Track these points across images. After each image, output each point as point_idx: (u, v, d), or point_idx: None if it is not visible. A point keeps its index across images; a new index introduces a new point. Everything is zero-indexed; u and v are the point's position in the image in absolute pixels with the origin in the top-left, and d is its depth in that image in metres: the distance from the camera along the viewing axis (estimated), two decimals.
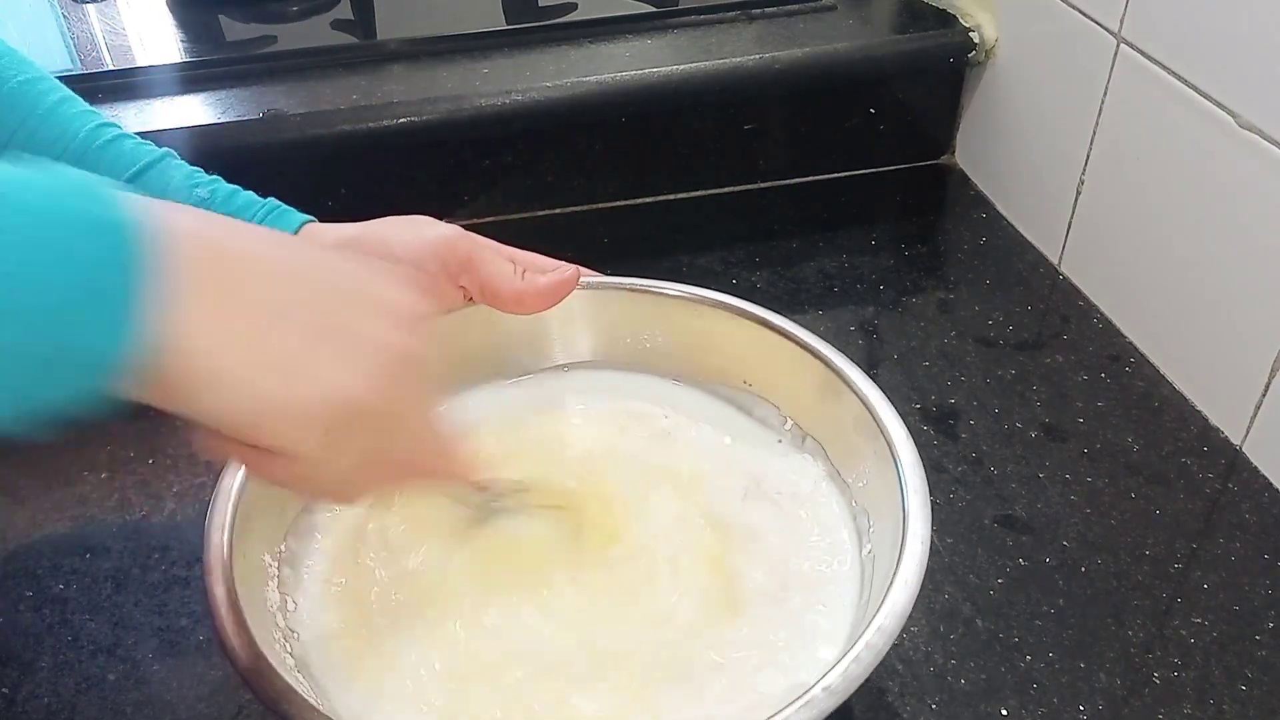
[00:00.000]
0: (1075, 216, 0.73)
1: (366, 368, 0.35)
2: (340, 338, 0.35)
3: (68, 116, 0.54)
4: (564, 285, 0.54)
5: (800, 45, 0.80)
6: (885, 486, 0.47)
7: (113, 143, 0.54)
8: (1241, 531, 0.57)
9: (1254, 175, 0.57)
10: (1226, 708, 0.48)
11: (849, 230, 0.81)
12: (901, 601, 0.40)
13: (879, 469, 0.48)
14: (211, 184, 0.55)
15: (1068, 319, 0.72)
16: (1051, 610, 0.53)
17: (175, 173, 0.54)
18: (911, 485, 0.45)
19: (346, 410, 0.35)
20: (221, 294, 0.33)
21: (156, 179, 0.54)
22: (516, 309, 0.53)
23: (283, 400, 0.34)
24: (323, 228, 0.54)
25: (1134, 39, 0.65)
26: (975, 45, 0.81)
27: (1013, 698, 0.49)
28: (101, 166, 0.53)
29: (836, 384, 0.51)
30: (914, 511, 0.44)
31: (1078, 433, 0.63)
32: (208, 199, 0.54)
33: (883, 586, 0.42)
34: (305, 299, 0.35)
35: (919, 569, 0.42)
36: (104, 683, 0.50)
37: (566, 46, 0.80)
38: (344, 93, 0.75)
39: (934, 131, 0.88)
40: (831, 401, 0.52)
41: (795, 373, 0.54)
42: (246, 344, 0.33)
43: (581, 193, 0.84)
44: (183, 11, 0.87)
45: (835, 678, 0.38)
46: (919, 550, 0.42)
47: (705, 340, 0.57)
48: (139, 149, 0.54)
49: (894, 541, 0.44)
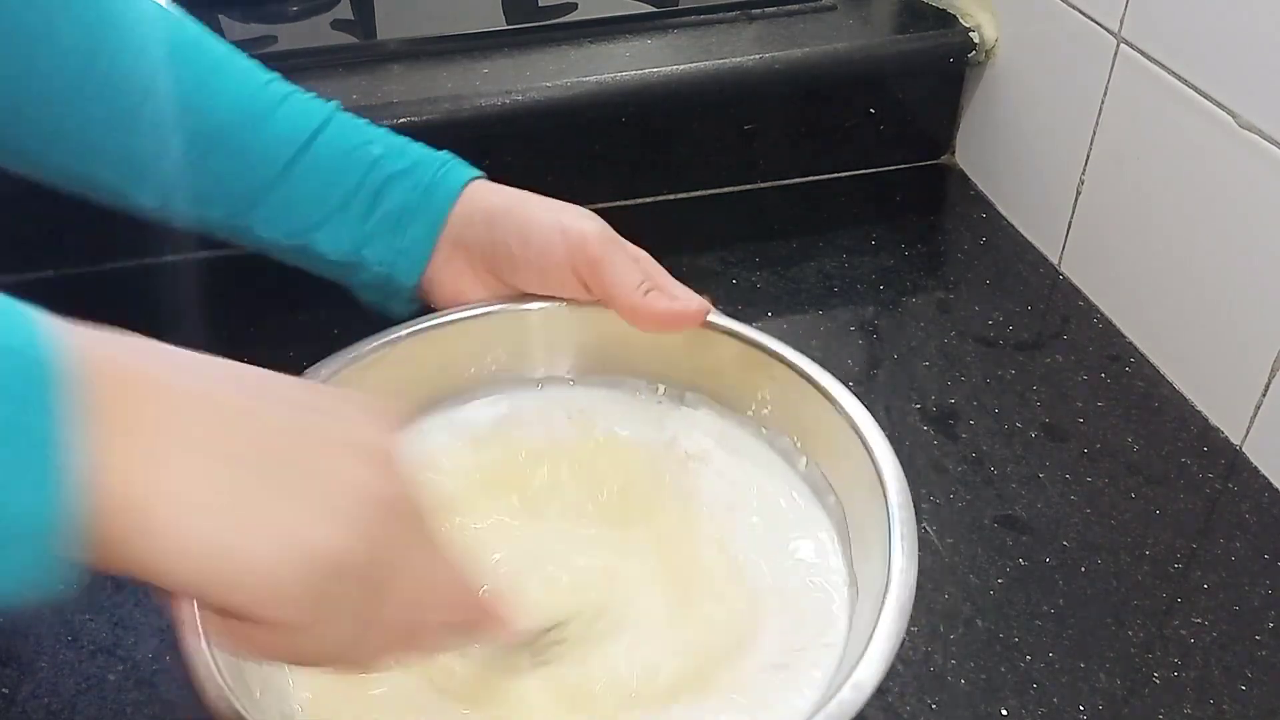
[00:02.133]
0: (1075, 216, 0.73)
1: (346, 517, 0.31)
2: (309, 485, 0.30)
3: (238, 70, 0.55)
4: (682, 317, 0.52)
5: (800, 45, 0.80)
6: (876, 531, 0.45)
7: (287, 99, 0.55)
8: (1241, 531, 0.57)
9: (1254, 175, 0.57)
10: (1226, 708, 0.48)
11: (849, 230, 0.81)
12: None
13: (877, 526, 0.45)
14: (384, 139, 0.56)
15: (1068, 319, 0.72)
16: (1051, 610, 0.53)
17: (348, 131, 0.55)
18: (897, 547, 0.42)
19: (329, 569, 0.30)
20: (158, 436, 0.28)
21: (333, 137, 0.55)
22: (631, 321, 0.52)
23: (248, 560, 0.29)
24: (489, 187, 0.56)
25: (1134, 39, 0.65)
26: (975, 45, 0.81)
27: (1013, 698, 0.49)
28: (280, 127, 0.54)
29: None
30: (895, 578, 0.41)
31: (1078, 433, 0.63)
32: (382, 155, 0.55)
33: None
34: (263, 442, 0.30)
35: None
36: (104, 683, 0.50)
37: (566, 46, 0.80)
38: (344, 93, 0.75)
39: (934, 131, 0.88)
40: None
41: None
42: (197, 494, 0.28)
43: (581, 193, 0.83)
44: (182, 11, 0.87)
45: None
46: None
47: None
48: (311, 105, 0.55)
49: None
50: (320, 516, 0.30)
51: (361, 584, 0.31)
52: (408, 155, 0.56)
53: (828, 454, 0.50)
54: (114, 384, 0.28)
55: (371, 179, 0.55)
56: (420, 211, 0.55)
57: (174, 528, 0.28)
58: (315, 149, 0.54)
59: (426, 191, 0.55)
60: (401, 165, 0.55)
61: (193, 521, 0.28)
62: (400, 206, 0.55)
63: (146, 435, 0.28)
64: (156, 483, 0.28)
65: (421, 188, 0.55)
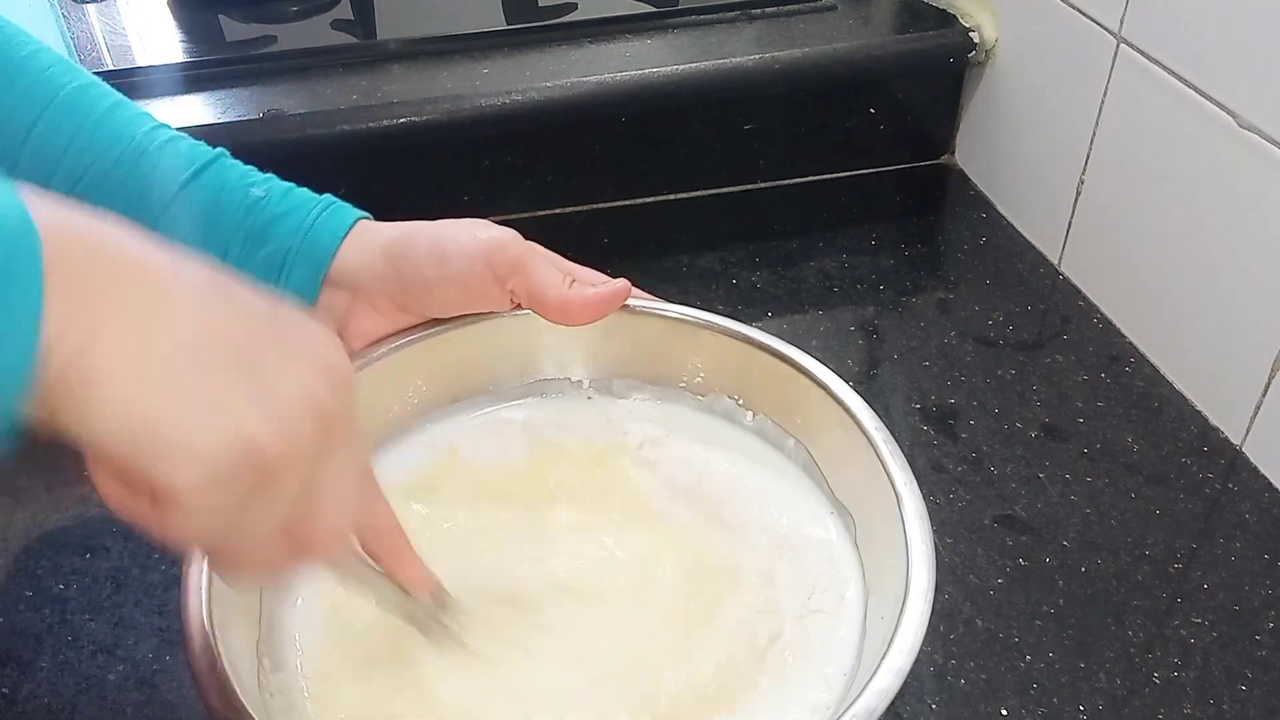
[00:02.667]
0: (1075, 216, 0.73)
1: (284, 414, 0.32)
2: (261, 375, 0.32)
3: (123, 120, 0.54)
4: (612, 298, 0.53)
5: (800, 45, 0.80)
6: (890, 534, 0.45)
7: (169, 144, 0.54)
8: (1241, 531, 0.57)
9: (1254, 175, 0.57)
10: (1226, 708, 0.48)
11: (849, 230, 0.81)
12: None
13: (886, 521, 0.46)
14: (266, 182, 0.54)
15: (1068, 319, 0.72)
16: (1051, 610, 0.53)
17: (230, 173, 0.54)
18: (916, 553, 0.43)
19: (247, 461, 0.31)
20: (112, 306, 0.29)
21: (213, 177, 0.53)
22: (560, 318, 0.52)
23: (176, 434, 0.30)
24: (376, 225, 0.54)
25: (1134, 39, 0.65)
26: (975, 45, 0.81)
27: (1013, 698, 0.49)
28: (160, 166, 0.52)
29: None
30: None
31: (1078, 433, 0.63)
32: (264, 197, 0.53)
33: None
34: (218, 329, 0.31)
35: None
36: (104, 683, 0.50)
37: (566, 46, 0.80)
38: (344, 93, 0.75)
39: (934, 131, 0.88)
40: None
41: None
42: (139, 364, 0.29)
43: (581, 193, 0.84)
44: (183, 11, 0.87)
45: None
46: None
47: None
48: (195, 149, 0.54)
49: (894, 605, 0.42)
50: (257, 408, 0.31)
51: (272, 491, 0.32)
52: (290, 198, 0.53)
53: (774, 404, 0.53)
54: (78, 254, 0.29)
55: (251, 222, 0.52)
56: (302, 255, 0.52)
57: (112, 393, 0.29)
58: (194, 190, 0.52)
59: (309, 234, 0.52)
60: (283, 208, 0.53)
61: (131, 389, 0.29)
62: (282, 250, 0.52)
63: (101, 304, 0.29)
64: (103, 350, 0.29)
65: (303, 231, 0.52)
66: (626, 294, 0.53)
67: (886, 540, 0.45)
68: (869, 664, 0.41)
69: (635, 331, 0.55)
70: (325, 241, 0.52)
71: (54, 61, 0.54)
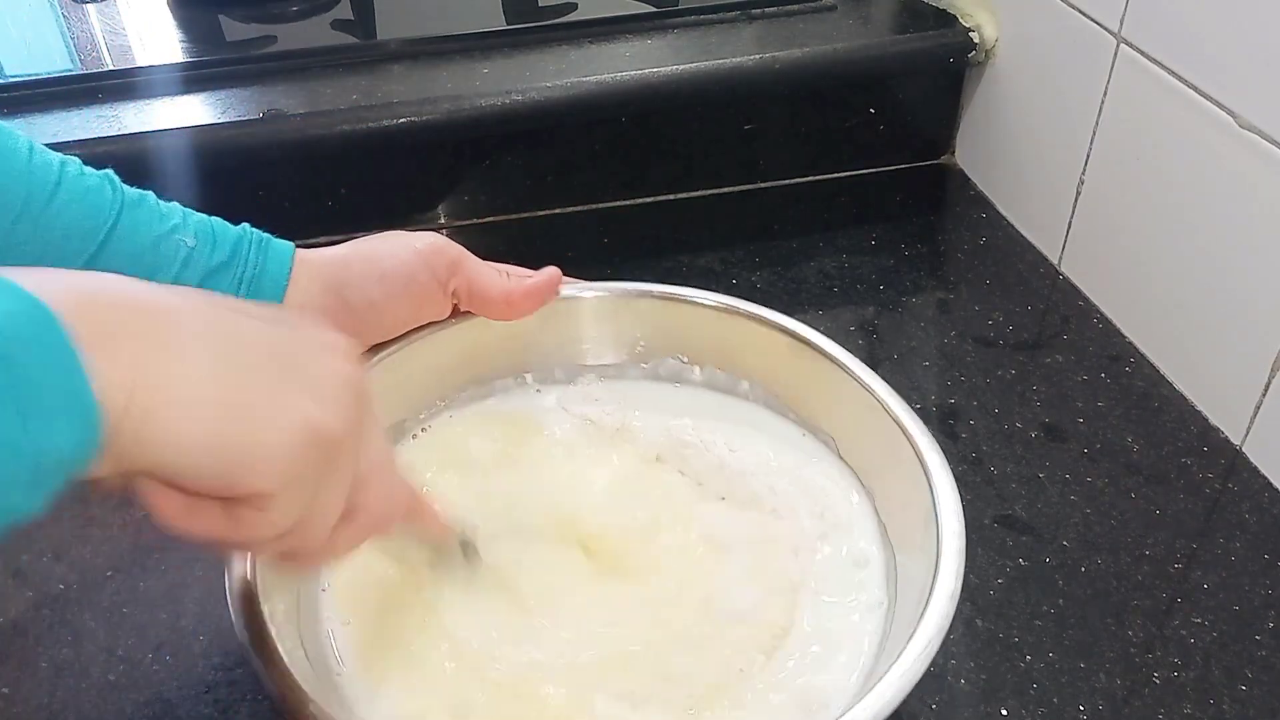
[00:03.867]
0: (1075, 216, 0.73)
1: (332, 397, 0.34)
2: (294, 372, 0.33)
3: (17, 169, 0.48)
4: (550, 285, 0.55)
5: (800, 45, 0.80)
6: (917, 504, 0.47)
7: (62, 184, 0.48)
8: (1241, 531, 0.57)
9: (1254, 175, 0.57)
10: (1226, 708, 0.48)
11: (849, 230, 0.81)
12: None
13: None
14: (183, 219, 0.51)
15: (1068, 319, 0.72)
16: (1051, 610, 0.53)
17: (146, 219, 0.50)
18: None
19: (319, 440, 0.33)
20: (148, 346, 0.30)
21: (130, 230, 0.49)
22: (505, 311, 0.54)
23: (246, 441, 0.31)
24: (309, 256, 0.53)
25: (1134, 39, 0.65)
26: (975, 45, 0.81)
27: (1013, 698, 0.49)
28: (67, 218, 0.48)
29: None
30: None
31: (1078, 433, 0.63)
32: (194, 246, 0.50)
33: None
34: (245, 340, 0.33)
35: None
36: (104, 683, 0.50)
37: (566, 46, 0.80)
38: (344, 93, 0.75)
39: (934, 131, 0.88)
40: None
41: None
42: (193, 390, 0.30)
43: (581, 193, 0.84)
44: (183, 11, 0.87)
45: None
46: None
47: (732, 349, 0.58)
48: (95, 195, 0.49)
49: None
50: (308, 397, 0.33)
51: (341, 462, 0.34)
52: (219, 243, 0.51)
53: (717, 356, 0.58)
54: (96, 311, 0.29)
55: (187, 278, 0.49)
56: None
57: (175, 424, 0.30)
58: (116, 244, 0.48)
59: (253, 285, 0.50)
60: (217, 259, 0.50)
61: (193, 415, 0.30)
62: None
63: (138, 347, 0.30)
64: (153, 386, 0.29)
65: (245, 282, 0.50)
66: (559, 279, 0.55)
67: (910, 498, 0.47)
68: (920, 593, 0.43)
69: (569, 316, 0.58)
70: (269, 289, 0.51)
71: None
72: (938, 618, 0.40)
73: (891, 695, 0.38)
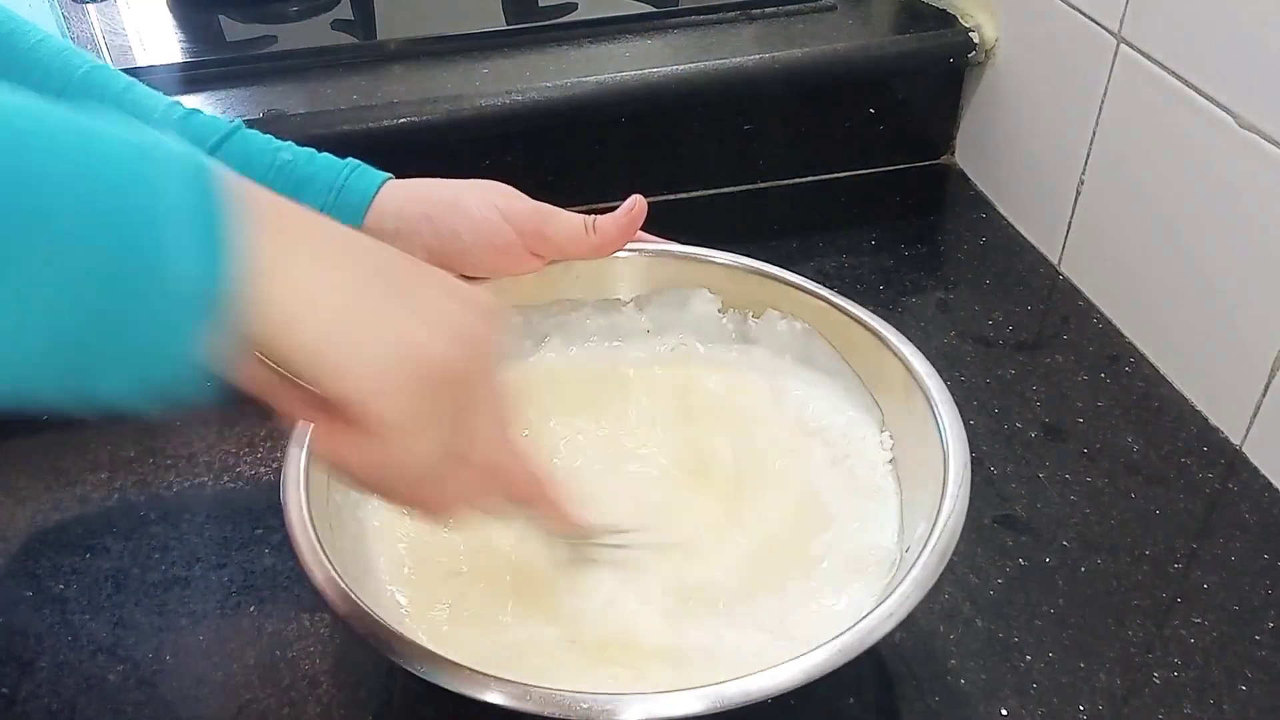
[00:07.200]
0: (1075, 216, 0.73)
1: (451, 334, 0.35)
2: (422, 304, 0.35)
3: (139, 98, 0.55)
4: (635, 217, 0.57)
5: (800, 45, 0.80)
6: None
7: (188, 117, 0.55)
8: (1241, 531, 0.57)
9: (1254, 175, 0.57)
10: (1226, 708, 0.48)
11: (849, 230, 0.81)
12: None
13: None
14: (290, 147, 0.56)
15: (1068, 319, 0.72)
16: (1051, 610, 0.53)
17: (254, 140, 0.55)
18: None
19: (434, 372, 0.34)
20: (308, 249, 0.33)
21: (238, 145, 0.55)
22: (598, 249, 0.56)
23: (372, 351, 0.33)
24: (400, 192, 0.55)
25: (1134, 39, 0.65)
26: (975, 45, 0.81)
27: (1013, 698, 0.49)
28: (183, 138, 0.53)
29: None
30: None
31: (1078, 433, 0.63)
32: (291, 160, 0.55)
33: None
34: (388, 270, 0.35)
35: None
36: (104, 683, 0.50)
37: (566, 46, 0.81)
38: (344, 93, 0.75)
39: (934, 131, 0.88)
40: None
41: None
42: (324, 293, 0.33)
43: (582, 192, 0.83)
44: (183, 11, 0.87)
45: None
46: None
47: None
48: (214, 121, 0.55)
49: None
50: (430, 331, 0.35)
51: (454, 400, 0.36)
52: (316, 161, 0.55)
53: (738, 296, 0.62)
54: (266, 205, 0.32)
55: (281, 185, 0.54)
56: (335, 214, 0.53)
57: (317, 312, 0.32)
58: (220, 157, 0.51)
59: (340, 194, 0.54)
60: (310, 170, 0.55)
61: (317, 313, 0.32)
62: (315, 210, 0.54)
63: (290, 241, 0.32)
64: (293, 278, 0.32)
65: (334, 190, 0.54)
66: (644, 206, 0.57)
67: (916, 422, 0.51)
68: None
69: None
70: (356, 199, 0.54)
71: (63, 48, 0.55)
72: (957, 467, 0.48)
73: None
